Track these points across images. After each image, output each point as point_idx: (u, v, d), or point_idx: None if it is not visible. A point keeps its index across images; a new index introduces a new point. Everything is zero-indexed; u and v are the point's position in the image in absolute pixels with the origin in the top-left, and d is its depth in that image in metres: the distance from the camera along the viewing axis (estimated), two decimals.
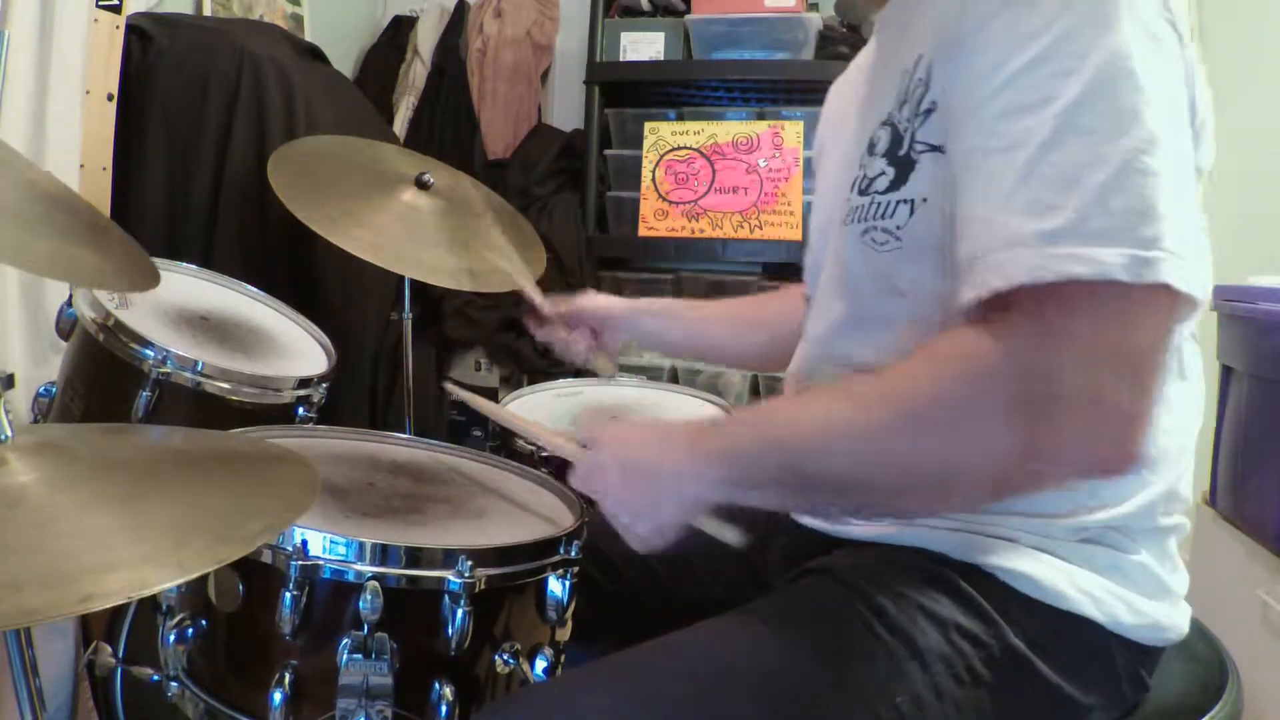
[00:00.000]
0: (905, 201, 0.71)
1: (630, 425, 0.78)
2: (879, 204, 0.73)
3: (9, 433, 0.64)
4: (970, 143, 0.63)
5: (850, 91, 0.93)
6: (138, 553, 0.54)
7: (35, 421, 1.24)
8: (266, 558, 0.75)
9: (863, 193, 0.75)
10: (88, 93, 1.47)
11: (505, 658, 0.80)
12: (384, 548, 0.75)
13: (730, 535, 0.74)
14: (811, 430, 0.65)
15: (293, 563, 0.73)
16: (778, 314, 1.14)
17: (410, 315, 1.71)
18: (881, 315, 0.76)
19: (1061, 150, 0.57)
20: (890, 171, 0.73)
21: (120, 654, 1.11)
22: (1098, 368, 0.55)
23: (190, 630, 0.81)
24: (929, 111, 0.69)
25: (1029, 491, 0.68)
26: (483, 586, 0.76)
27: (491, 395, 2.34)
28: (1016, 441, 0.57)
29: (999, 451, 0.59)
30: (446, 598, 0.75)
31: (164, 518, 0.59)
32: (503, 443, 1.31)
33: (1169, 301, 0.56)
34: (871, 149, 0.75)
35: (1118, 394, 0.55)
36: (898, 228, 0.72)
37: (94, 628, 1.23)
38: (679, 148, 2.19)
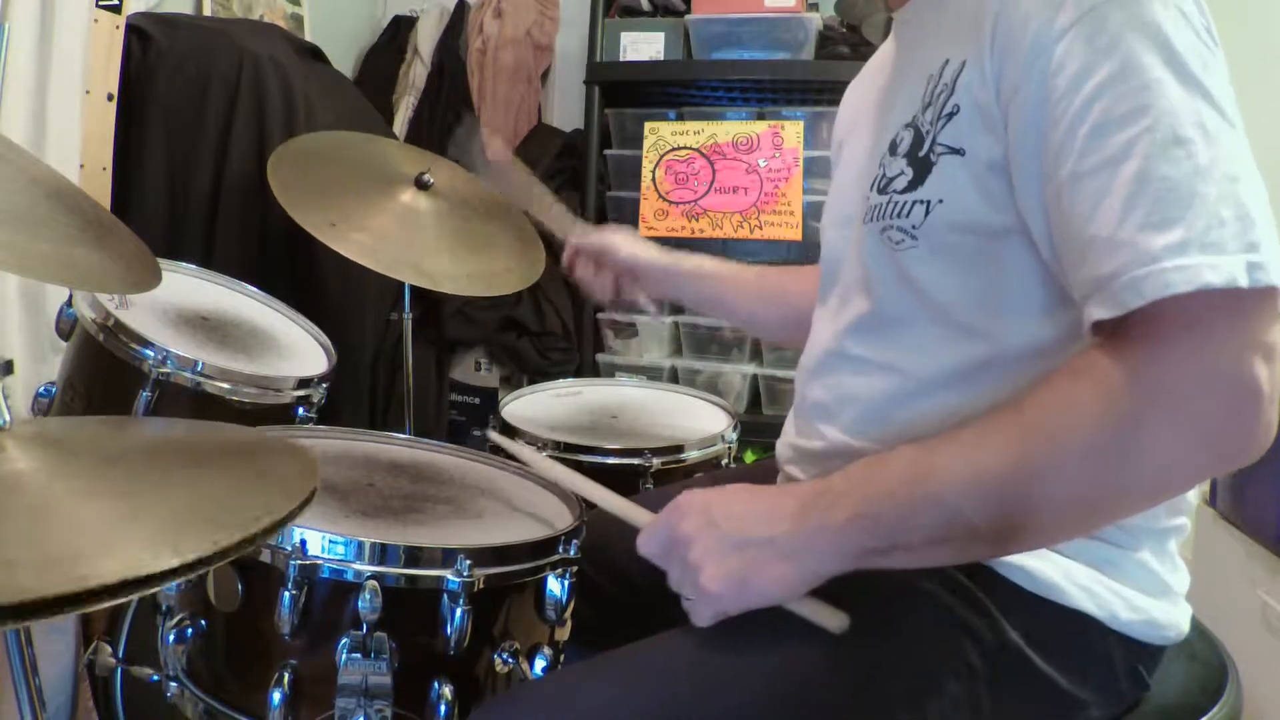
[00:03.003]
0: (921, 202, 0.72)
1: (715, 490, 0.71)
2: (896, 203, 0.74)
3: (7, 417, 0.64)
4: (1071, 165, 0.62)
5: (867, 91, 0.93)
6: (135, 537, 0.54)
7: None
8: (265, 557, 0.76)
9: (881, 191, 0.76)
10: (88, 92, 1.48)
11: (504, 657, 0.80)
12: (383, 547, 0.75)
13: (833, 620, 0.67)
14: (972, 478, 0.61)
15: (291, 562, 0.73)
16: (808, 288, 1.14)
17: (410, 315, 1.71)
18: (901, 314, 0.76)
19: (1168, 162, 0.58)
20: (909, 172, 0.73)
21: (120, 654, 1.11)
22: (1245, 362, 0.56)
23: (190, 630, 0.81)
24: (952, 115, 0.70)
25: (1184, 492, 0.69)
26: (481, 586, 0.76)
27: (491, 395, 2.34)
28: (1185, 450, 0.58)
29: (1168, 463, 0.58)
30: (445, 597, 0.75)
31: (162, 505, 0.59)
32: None
33: (1274, 301, 0.58)
34: (894, 149, 0.76)
35: (1263, 380, 0.56)
36: (913, 227, 0.72)
37: (94, 627, 1.23)
38: (679, 148, 2.19)
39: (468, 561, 0.75)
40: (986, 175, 0.69)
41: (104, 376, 1.14)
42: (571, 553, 0.82)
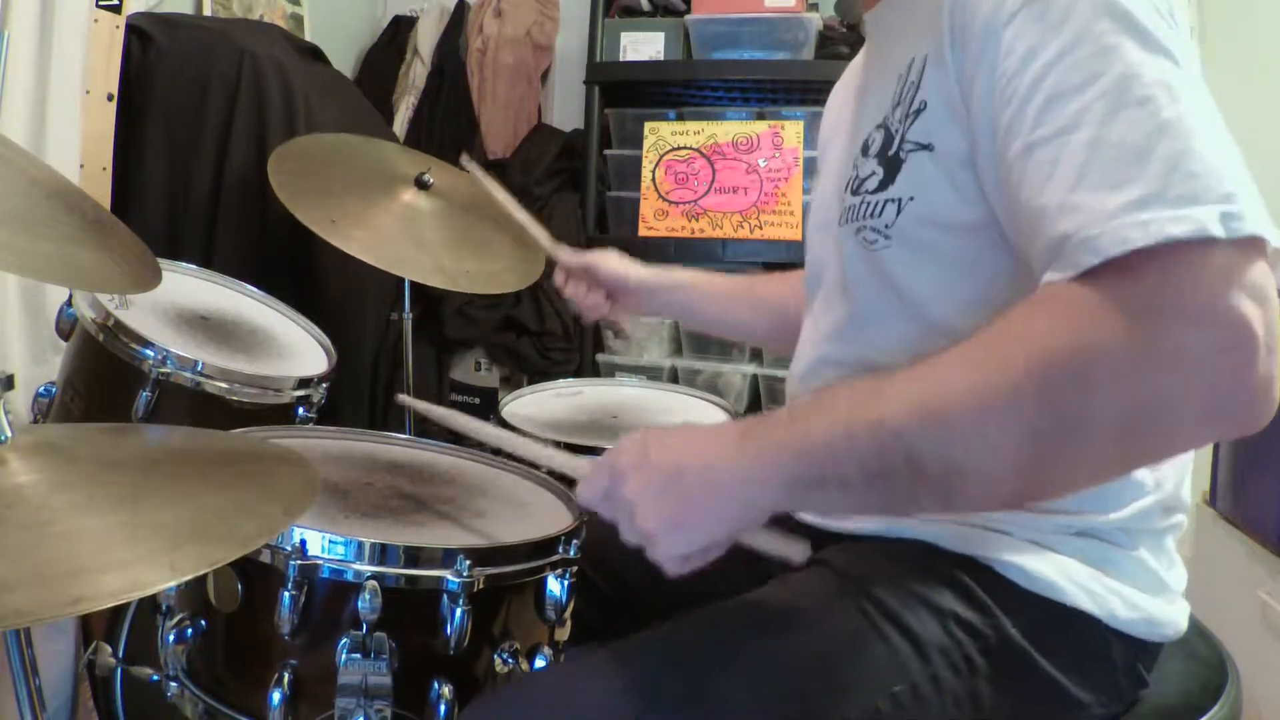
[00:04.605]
0: (893, 201, 0.72)
1: (653, 429, 0.66)
2: (869, 203, 0.74)
3: (9, 433, 0.64)
4: (1022, 140, 0.60)
5: (845, 95, 0.93)
6: (132, 554, 0.54)
7: (35, 421, 1.24)
8: (265, 557, 0.75)
9: (855, 192, 0.76)
10: (88, 93, 1.47)
11: (504, 657, 0.80)
12: (383, 547, 0.75)
13: (794, 550, 0.65)
14: (918, 403, 0.55)
15: (291, 562, 0.73)
16: (793, 293, 1.14)
17: (410, 315, 1.71)
18: (882, 315, 0.76)
19: (1122, 123, 0.55)
20: (880, 171, 0.73)
21: (120, 654, 1.11)
22: (1229, 297, 0.50)
23: (190, 630, 0.81)
24: (919, 111, 0.70)
25: (1167, 456, 0.65)
26: (481, 586, 0.76)
27: (491, 395, 2.34)
28: (1163, 389, 0.51)
29: (1141, 403, 0.52)
30: (445, 597, 0.75)
31: (160, 519, 0.59)
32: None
33: (1259, 248, 0.53)
34: (866, 150, 0.76)
35: (1253, 319, 0.50)
36: (886, 226, 0.73)
37: (94, 628, 1.23)
38: (679, 148, 2.19)
39: (467, 561, 0.75)
40: (957, 169, 0.68)
41: (104, 376, 1.14)
42: (571, 553, 0.82)
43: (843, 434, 0.58)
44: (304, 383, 1.23)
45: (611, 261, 1.19)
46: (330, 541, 0.75)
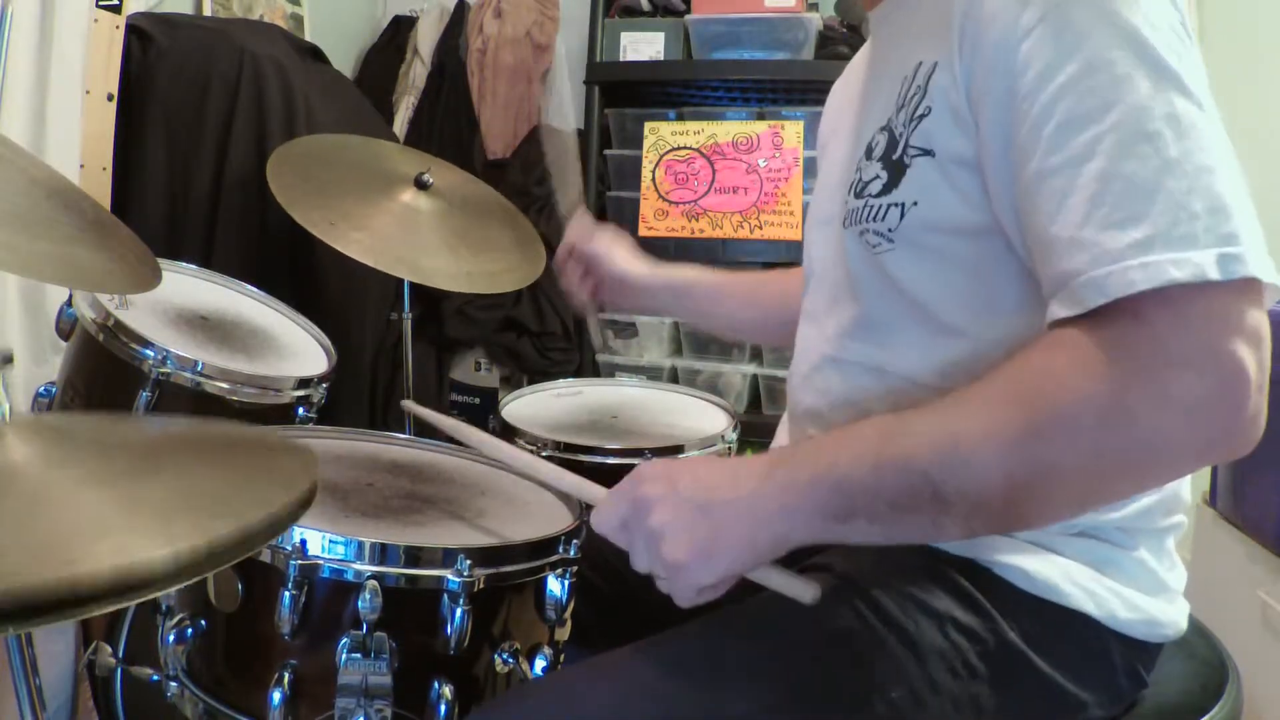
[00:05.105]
0: (896, 205, 0.72)
1: (674, 461, 0.68)
2: (872, 207, 0.74)
3: (7, 406, 0.64)
4: (1036, 163, 0.61)
5: (848, 91, 0.93)
6: (126, 525, 0.54)
7: None
8: (265, 557, 0.76)
9: (858, 195, 0.76)
10: (88, 93, 1.48)
11: (504, 657, 0.80)
12: (383, 547, 0.75)
13: (804, 590, 0.65)
14: (944, 442, 0.59)
15: (292, 562, 0.73)
16: (786, 288, 1.14)
17: (410, 315, 1.71)
18: (888, 316, 0.76)
19: (1131, 159, 0.57)
20: (884, 175, 0.73)
21: (120, 654, 1.11)
22: (1228, 343, 0.54)
23: (190, 630, 0.81)
24: (923, 117, 0.70)
25: (1165, 483, 0.70)
26: (481, 586, 0.76)
27: (491, 395, 2.34)
28: (1170, 427, 0.55)
29: (1152, 440, 0.56)
30: (445, 597, 0.75)
31: (157, 495, 0.59)
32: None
33: (1255, 290, 0.56)
34: (869, 153, 0.76)
35: (1248, 363, 0.54)
36: (889, 230, 0.73)
37: (94, 628, 1.23)
38: (679, 148, 2.19)
39: (468, 561, 0.75)
40: (960, 175, 0.68)
41: (104, 376, 1.14)
42: (571, 553, 0.82)
43: (871, 470, 0.61)
44: (304, 383, 1.23)
45: (619, 256, 1.17)
46: (330, 541, 0.75)
